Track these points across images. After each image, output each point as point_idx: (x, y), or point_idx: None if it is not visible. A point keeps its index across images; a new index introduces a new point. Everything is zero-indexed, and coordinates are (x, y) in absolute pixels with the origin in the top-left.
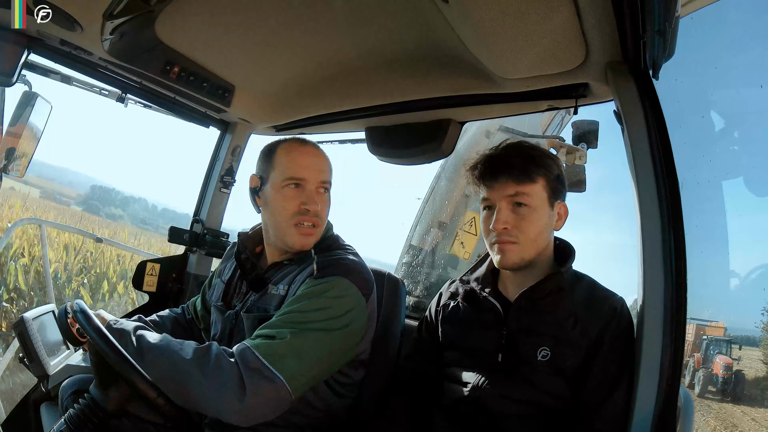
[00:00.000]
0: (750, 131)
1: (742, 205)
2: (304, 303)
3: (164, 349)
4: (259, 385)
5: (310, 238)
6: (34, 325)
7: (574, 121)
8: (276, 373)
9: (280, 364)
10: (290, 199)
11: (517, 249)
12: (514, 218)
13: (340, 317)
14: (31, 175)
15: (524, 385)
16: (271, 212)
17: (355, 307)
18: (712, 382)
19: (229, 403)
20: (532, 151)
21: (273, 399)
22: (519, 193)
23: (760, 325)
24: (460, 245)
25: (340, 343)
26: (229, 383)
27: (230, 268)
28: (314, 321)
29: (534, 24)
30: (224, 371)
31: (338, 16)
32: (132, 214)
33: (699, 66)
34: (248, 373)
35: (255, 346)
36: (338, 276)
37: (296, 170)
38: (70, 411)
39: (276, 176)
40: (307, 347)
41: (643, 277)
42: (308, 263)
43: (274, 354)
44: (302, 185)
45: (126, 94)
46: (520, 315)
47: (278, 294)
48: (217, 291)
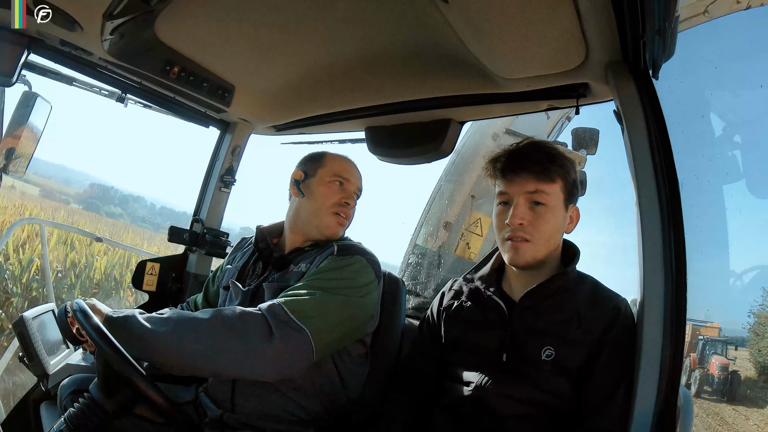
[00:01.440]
0: (751, 131)
1: (742, 204)
2: (327, 272)
3: (179, 317)
4: (287, 332)
5: (341, 228)
6: (34, 324)
7: (574, 129)
8: (302, 326)
9: (306, 320)
10: (335, 192)
11: (531, 247)
12: (531, 215)
13: (360, 288)
14: (29, 173)
15: (528, 385)
16: (315, 199)
17: (371, 282)
18: (708, 382)
19: (257, 347)
20: (553, 152)
21: (298, 349)
22: (538, 190)
23: (747, 327)
24: (466, 246)
25: (359, 313)
26: (256, 330)
27: (244, 255)
28: (338, 287)
29: (534, 24)
30: (249, 321)
31: (338, 16)
32: (131, 212)
33: (699, 66)
34: (276, 323)
35: (282, 302)
36: (358, 255)
37: (344, 172)
38: (70, 410)
39: (325, 172)
40: (331, 308)
41: (643, 278)
42: (328, 247)
43: (301, 310)
44: (345, 185)
45: (126, 94)
46: (525, 314)
47: (299, 271)
48: (230, 274)
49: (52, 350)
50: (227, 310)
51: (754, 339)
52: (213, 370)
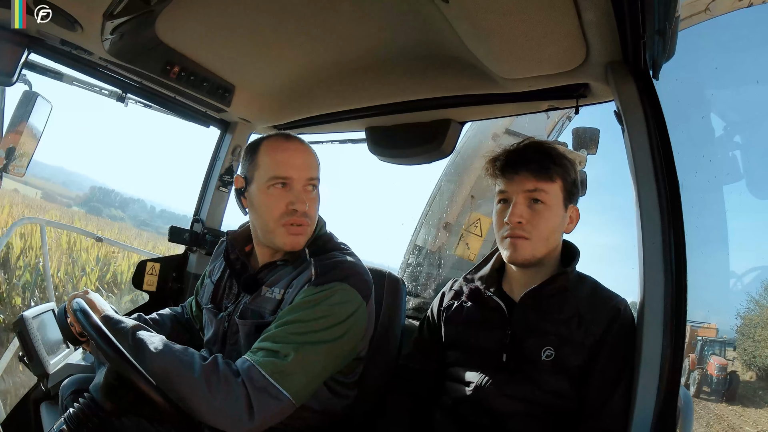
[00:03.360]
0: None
1: (742, 204)
2: (305, 312)
3: (168, 360)
4: (267, 403)
5: (299, 238)
6: (34, 323)
7: (575, 128)
8: (283, 391)
9: (286, 383)
10: (277, 200)
11: (529, 245)
12: (530, 214)
13: (342, 323)
14: (28, 175)
15: (528, 385)
16: (258, 214)
17: (356, 311)
18: (707, 382)
19: (238, 424)
20: (553, 151)
21: (279, 414)
22: (538, 189)
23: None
24: (465, 246)
25: (343, 349)
26: (238, 404)
27: (219, 268)
28: (318, 331)
29: (534, 24)
30: (233, 393)
31: (339, 16)
32: (132, 215)
33: (699, 66)
34: (255, 393)
35: (260, 365)
36: (338, 282)
37: (281, 169)
38: (70, 410)
39: (261, 176)
40: (312, 361)
41: (644, 278)
42: (304, 266)
43: (281, 372)
44: (288, 184)
45: (126, 94)
46: (525, 315)
47: (273, 298)
48: (207, 292)
49: (52, 350)
50: (215, 370)
51: (740, 339)
52: (193, 416)
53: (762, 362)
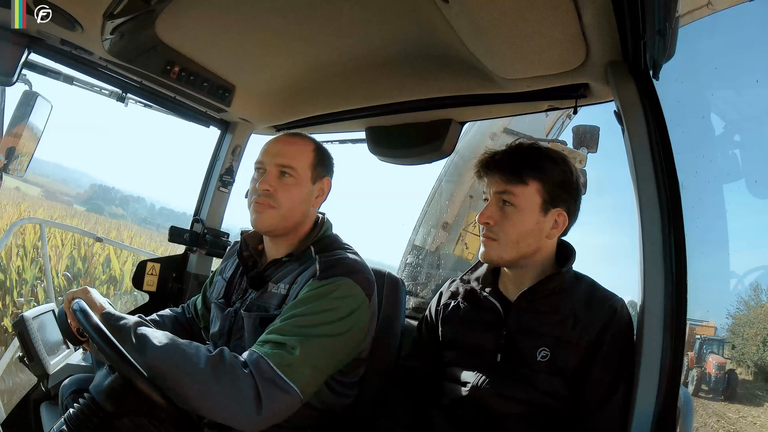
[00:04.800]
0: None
1: (742, 204)
2: (310, 305)
3: (172, 353)
4: (275, 395)
5: (260, 216)
6: (34, 324)
7: (575, 126)
8: (290, 383)
9: (294, 375)
10: (253, 183)
11: (496, 246)
12: (499, 215)
13: (346, 318)
14: (28, 173)
15: (524, 386)
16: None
17: (359, 307)
18: (706, 381)
19: (246, 416)
20: (532, 153)
21: (287, 408)
22: (507, 191)
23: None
24: (464, 246)
25: (347, 345)
26: (245, 396)
27: (232, 265)
28: (322, 325)
29: (534, 24)
30: (241, 383)
31: (338, 16)
32: (133, 213)
33: (700, 66)
34: (263, 383)
35: (267, 356)
36: (342, 276)
37: (259, 156)
38: (70, 410)
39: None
40: (317, 354)
41: (644, 278)
42: (309, 263)
43: (289, 366)
44: (262, 169)
45: (126, 94)
46: (521, 315)
47: (279, 293)
48: (218, 288)
49: (52, 350)
50: (222, 361)
51: (731, 337)
52: (199, 413)
53: (750, 359)
